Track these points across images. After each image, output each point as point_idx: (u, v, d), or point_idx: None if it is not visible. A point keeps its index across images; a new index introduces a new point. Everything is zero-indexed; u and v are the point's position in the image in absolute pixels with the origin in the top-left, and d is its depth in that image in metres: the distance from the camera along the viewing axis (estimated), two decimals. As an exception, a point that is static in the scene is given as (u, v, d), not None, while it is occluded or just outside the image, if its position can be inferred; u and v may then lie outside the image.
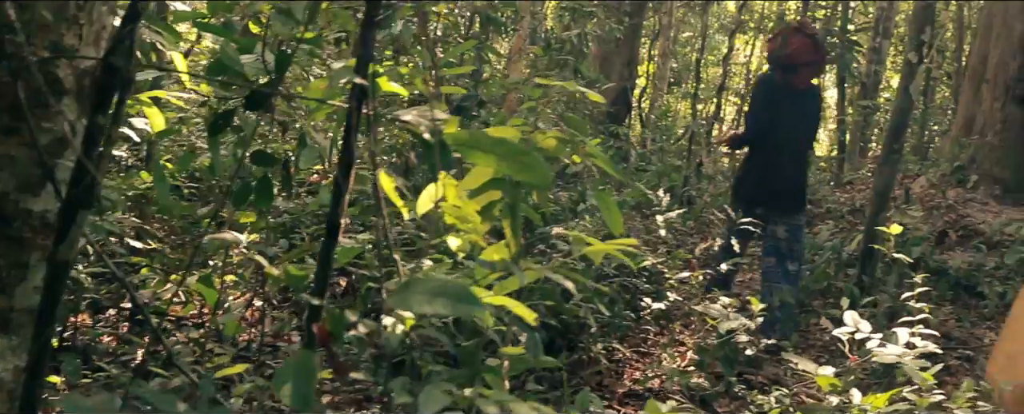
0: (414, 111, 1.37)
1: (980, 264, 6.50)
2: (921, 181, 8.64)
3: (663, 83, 21.83)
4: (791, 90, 5.32)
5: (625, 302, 4.45)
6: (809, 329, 5.32)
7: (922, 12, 5.59)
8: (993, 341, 5.56)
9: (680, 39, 25.67)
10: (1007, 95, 8.15)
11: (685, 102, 24.73)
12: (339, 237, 1.40)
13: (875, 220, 5.62)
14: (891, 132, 5.63)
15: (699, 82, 11.97)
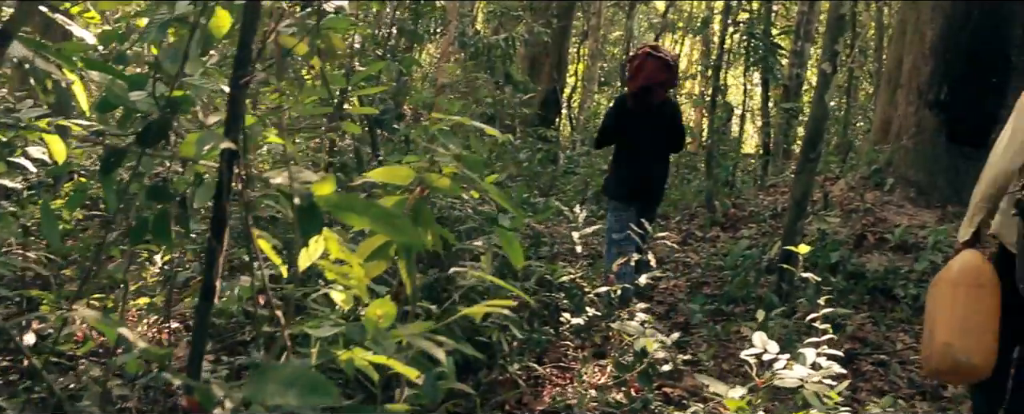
0: (285, 173, 1.34)
1: (896, 267, 6.63)
2: (841, 184, 8.79)
3: (593, 84, 21.96)
4: (648, 105, 6.06)
5: (545, 318, 4.46)
6: (730, 338, 5.37)
7: (836, 23, 5.69)
8: (907, 344, 5.68)
9: (610, 39, 25.86)
10: (920, 100, 8.32)
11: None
12: (214, 299, 1.36)
13: (793, 228, 5.71)
14: (807, 141, 5.72)
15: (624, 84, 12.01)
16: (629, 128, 6.14)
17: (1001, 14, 8.00)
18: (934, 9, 8.36)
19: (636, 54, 6.22)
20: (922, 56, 8.40)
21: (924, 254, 6.67)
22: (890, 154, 8.48)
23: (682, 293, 6.54)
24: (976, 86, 8.09)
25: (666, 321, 5.85)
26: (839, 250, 6.66)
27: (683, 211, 9.81)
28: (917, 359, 5.34)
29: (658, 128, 6.15)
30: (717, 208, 9.07)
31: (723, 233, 8.54)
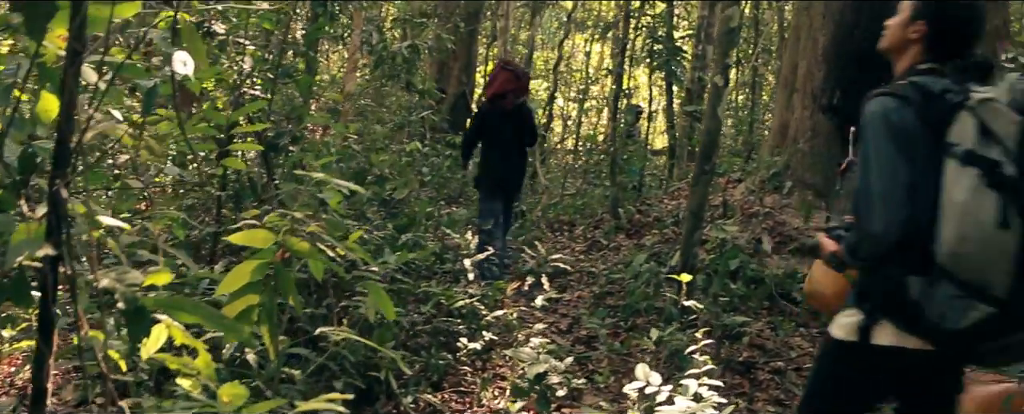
0: (113, 274, 1.31)
1: (794, 270, 6.76)
2: (742, 188, 8.94)
3: (501, 87, 22.01)
4: (503, 111, 7.38)
5: (441, 344, 4.45)
6: (631, 353, 5.42)
7: (726, 37, 5.77)
8: (803, 350, 5.80)
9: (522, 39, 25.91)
10: (815, 104, 8.51)
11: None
12: (47, 401, 1.32)
13: (691, 239, 5.79)
14: (702, 153, 5.79)
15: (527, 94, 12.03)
16: (490, 130, 7.41)
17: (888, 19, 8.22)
18: (825, 16, 8.54)
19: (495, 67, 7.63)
20: (815, 61, 8.58)
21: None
22: (788, 158, 8.66)
23: (586, 304, 6.58)
24: (866, 90, 8.27)
25: (569, 335, 5.89)
26: (738, 257, 6.77)
27: (589, 218, 9.88)
28: (813, 365, 5.48)
29: (514, 128, 7.39)
30: (621, 215, 9.15)
31: (628, 240, 8.61)
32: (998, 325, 2.44)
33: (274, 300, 2.03)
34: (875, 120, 2.61)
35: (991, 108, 2.48)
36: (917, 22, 2.77)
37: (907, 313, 2.52)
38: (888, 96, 2.66)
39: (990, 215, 2.39)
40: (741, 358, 5.42)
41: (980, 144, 2.45)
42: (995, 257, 2.39)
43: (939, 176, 2.48)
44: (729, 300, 6.36)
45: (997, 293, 2.40)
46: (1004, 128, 2.45)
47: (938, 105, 2.55)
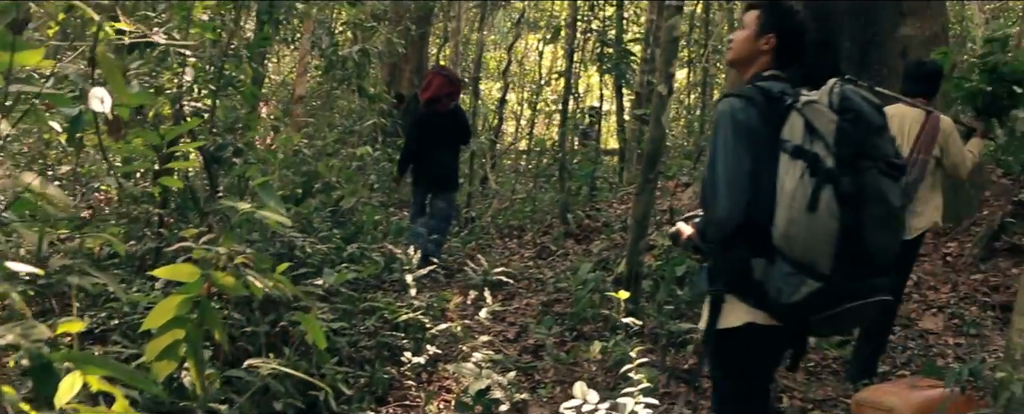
0: (18, 328, 1.29)
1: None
2: (690, 191, 9.01)
3: (454, 89, 21.98)
4: (438, 114, 7.92)
5: (385, 358, 4.44)
6: (577, 360, 5.44)
7: (669, 46, 5.82)
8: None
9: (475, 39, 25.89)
10: (761, 109, 8.61)
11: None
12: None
13: (635, 248, 5.83)
14: (646, 162, 5.83)
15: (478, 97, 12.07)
16: (427, 132, 7.91)
17: (832, 28, 8.33)
18: (770, 21, 8.64)
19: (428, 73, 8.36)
20: (761, 67, 8.68)
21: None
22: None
23: (534, 312, 6.60)
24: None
25: (516, 344, 5.90)
26: (684, 263, 6.82)
27: (538, 223, 9.90)
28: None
29: (449, 129, 7.95)
30: (570, 220, 9.18)
31: (577, 245, 8.65)
32: (825, 298, 2.76)
33: (200, 335, 2.02)
34: (724, 118, 2.93)
35: (814, 109, 2.84)
36: (767, 35, 3.09)
37: (754, 291, 2.84)
38: (736, 97, 2.97)
39: (806, 202, 2.72)
40: (686, 366, 5.47)
41: (806, 140, 2.79)
42: (819, 238, 2.73)
43: (774, 170, 2.82)
44: (675, 307, 6.42)
45: (822, 270, 2.73)
46: (825, 126, 2.78)
47: (776, 106, 2.91)
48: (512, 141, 25.51)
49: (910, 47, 8.26)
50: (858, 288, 2.82)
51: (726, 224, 2.84)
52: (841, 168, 2.75)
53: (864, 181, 2.78)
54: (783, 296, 2.78)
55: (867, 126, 2.84)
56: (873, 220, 2.79)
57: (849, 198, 2.75)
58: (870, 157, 2.81)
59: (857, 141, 2.79)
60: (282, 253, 5.20)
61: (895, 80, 8.13)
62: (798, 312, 2.82)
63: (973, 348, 6.13)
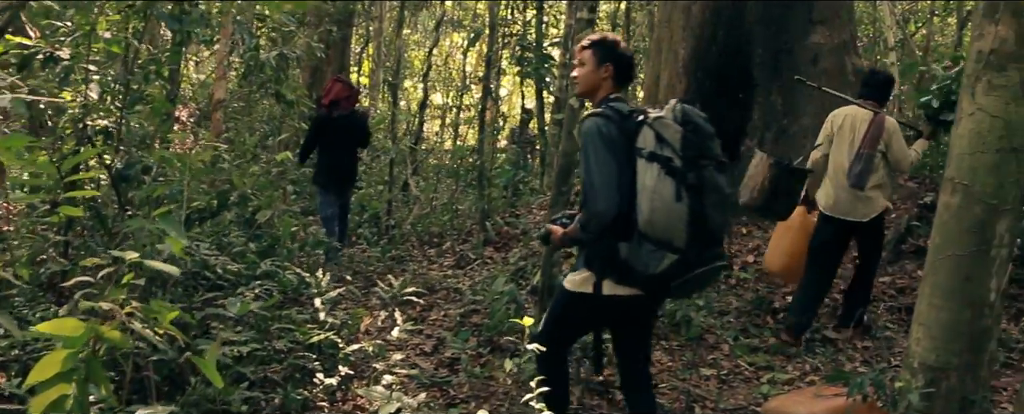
0: None
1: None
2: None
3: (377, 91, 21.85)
4: (339, 118, 8.65)
5: (297, 379, 4.42)
6: (493, 374, 5.46)
7: (580, 60, 5.85)
8: (663, 365, 5.95)
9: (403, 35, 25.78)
10: (677, 116, 8.72)
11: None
12: None
13: (550, 259, 5.86)
14: (558, 175, 5.86)
15: (396, 104, 12.03)
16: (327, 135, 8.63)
17: (744, 36, 8.49)
18: (685, 30, 8.77)
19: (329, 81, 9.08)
20: (676, 75, 8.81)
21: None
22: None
23: (452, 324, 6.61)
24: (725, 102, 8.56)
25: (433, 357, 5.90)
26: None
27: (458, 231, 9.91)
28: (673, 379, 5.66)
29: (348, 132, 8.70)
30: (489, 228, 9.21)
31: (497, 253, 8.68)
32: (681, 267, 3.57)
33: (86, 390, 2.00)
34: (591, 134, 3.67)
35: (663, 123, 3.60)
36: (606, 64, 3.85)
37: (620, 269, 3.62)
38: (598, 116, 3.71)
39: (670, 193, 3.49)
40: (601, 377, 5.52)
41: (658, 147, 3.55)
42: (675, 222, 3.50)
43: (634, 170, 3.57)
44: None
45: (678, 245, 3.53)
46: (672, 136, 3.56)
47: (629, 122, 3.67)
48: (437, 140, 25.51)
49: (820, 54, 8.46)
50: (705, 257, 3.62)
51: (606, 217, 3.58)
52: (687, 167, 3.53)
53: (704, 176, 3.57)
54: (649, 268, 3.55)
55: (704, 134, 3.66)
56: (712, 205, 3.58)
57: (694, 189, 3.53)
58: (707, 157, 3.62)
59: (698, 146, 3.59)
60: (195, 271, 5.14)
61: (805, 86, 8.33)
62: (661, 280, 3.61)
63: (880, 351, 6.31)
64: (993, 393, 5.42)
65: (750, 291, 7.19)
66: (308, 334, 4.31)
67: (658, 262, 3.54)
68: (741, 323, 6.71)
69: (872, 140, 6.11)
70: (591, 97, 3.95)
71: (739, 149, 8.50)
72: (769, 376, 5.79)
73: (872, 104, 6.24)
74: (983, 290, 4.35)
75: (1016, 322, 6.77)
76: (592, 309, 3.82)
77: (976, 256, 4.32)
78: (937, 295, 4.41)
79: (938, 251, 4.43)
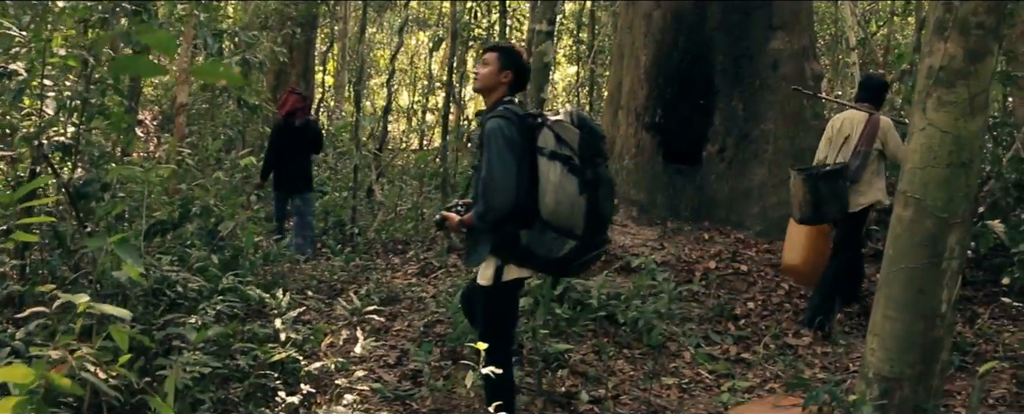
0: None
1: (617, 293, 6.96)
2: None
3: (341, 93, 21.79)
4: (294, 127, 9.30)
5: (259, 399, 4.42)
6: (455, 386, 5.48)
7: (540, 73, 5.90)
8: (626, 374, 6.00)
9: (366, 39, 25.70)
10: (639, 122, 8.78)
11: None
12: None
13: (510, 270, 5.89)
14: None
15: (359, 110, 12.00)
16: (285, 141, 9.24)
17: (705, 42, 8.56)
18: (647, 36, 8.83)
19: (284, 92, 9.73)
20: (638, 80, 8.86)
21: (641, 277, 7.06)
22: (614, 173, 8.90)
23: (416, 334, 6.62)
24: (686, 108, 8.63)
25: (397, 369, 5.91)
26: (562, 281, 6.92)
27: (422, 237, 9.90)
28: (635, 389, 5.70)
29: (302, 139, 9.31)
30: (453, 236, 9.20)
31: (460, 260, 8.68)
32: (579, 251, 4.09)
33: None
34: (495, 134, 4.07)
35: (561, 125, 4.08)
36: (507, 71, 4.28)
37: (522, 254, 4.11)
38: (500, 118, 4.12)
39: (574, 188, 4.00)
40: (562, 389, 5.56)
41: (557, 147, 4.03)
42: (577, 212, 4.02)
43: (535, 167, 4.03)
44: (555, 324, 6.52)
45: (577, 232, 4.04)
46: (570, 137, 4.06)
47: (527, 123, 4.12)
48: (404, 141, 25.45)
49: (780, 60, 8.54)
50: (596, 241, 4.17)
51: (504, 209, 4.03)
52: (584, 164, 4.05)
53: (598, 172, 4.12)
54: (552, 253, 4.07)
55: (596, 136, 4.17)
56: (604, 197, 4.14)
57: (591, 183, 4.06)
58: (600, 156, 4.16)
59: (592, 146, 4.11)
60: (156, 288, 5.12)
61: (765, 91, 8.42)
62: (562, 263, 4.13)
63: (839, 358, 6.39)
64: (947, 398, 5.53)
65: (712, 298, 7.25)
66: (269, 353, 4.31)
67: (561, 247, 4.05)
68: (703, 330, 6.77)
69: (868, 138, 6.61)
70: (486, 96, 4.37)
71: (701, 154, 8.58)
72: (730, 384, 5.84)
73: (868, 107, 6.79)
74: (935, 302, 4.43)
75: (971, 325, 6.89)
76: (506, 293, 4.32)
77: (928, 269, 4.39)
78: (891, 307, 4.48)
79: (892, 263, 4.51)
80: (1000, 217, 7.57)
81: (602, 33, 20.32)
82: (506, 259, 4.17)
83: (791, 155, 8.47)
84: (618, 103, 9.27)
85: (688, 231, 8.32)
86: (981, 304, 7.24)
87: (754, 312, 7.09)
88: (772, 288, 7.44)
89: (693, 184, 8.56)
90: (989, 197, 7.95)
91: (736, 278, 7.59)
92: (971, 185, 4.40)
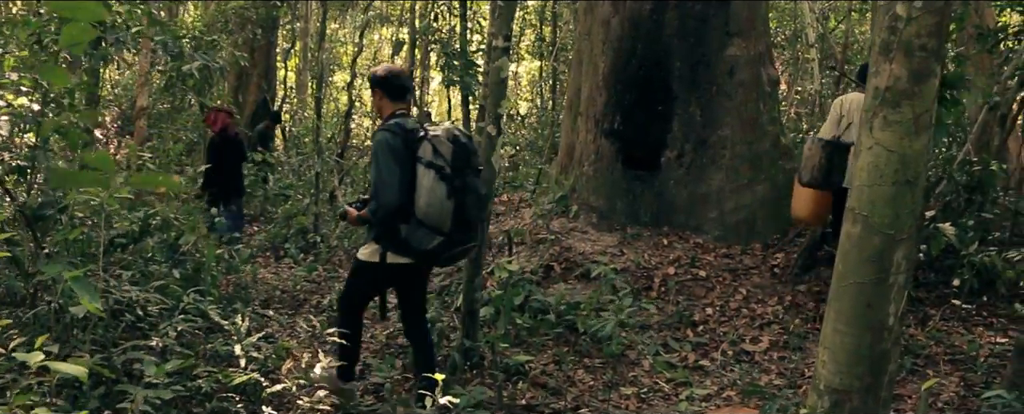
0: None
1: (577, 301, 7.04)
2: (532, 211, 9.20)
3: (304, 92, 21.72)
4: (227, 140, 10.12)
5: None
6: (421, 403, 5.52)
7: (497, 88, 5.94)
8: (585, 384, 6.08)
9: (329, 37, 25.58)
10: (598, 128, 8.86)
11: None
12: None
13: (472, 285, 5.96)
14: (479, 202, 5.95)
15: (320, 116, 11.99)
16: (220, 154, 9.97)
17: (663, 49, 8.65)
18: (605, 43, 8.90)
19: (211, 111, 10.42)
20: (597, 87, 8.93)
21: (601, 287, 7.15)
22: (574, 180, 8.99)
23: (379, 346, 6.67)
24: (645, 114, 8.72)
25: (361, 382, 5.96)
26: (526, 289, 7.00)
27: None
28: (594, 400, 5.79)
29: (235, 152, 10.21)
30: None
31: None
32: (446, 246, 4.92)
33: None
34: (382, 145, 4.87)
35: (438, 139, 4.88)
36: (377, 91, 5.16)
37: (400, 245, 4.92)
38: (386, 131, 4.90)
39: (443, 193, 4.81)
40: (523, 401, 5.64)
41: (434, 157, 4.82)
42: (445, 214, 4.83)
43: (415, 174, 4.82)
44: (516, 333, 6.60)
45: (445, 230, 4.86)
46: (445, 150, 4.86)
47: (411, 136, 4.90)
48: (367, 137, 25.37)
49: (737, 66, 8.65)
50: (463, 239, 4.99)
51: (390, 208, 4.81)
52: (454, 174, 4.84)
53: (466, 181, 4.91)
54: (423, 246, 4.88)
55: (468, 151, 4.96)
56: (470, 203, 4.93)
57: (459, 191, 4.86)
58: (469, 167, 4.95)
59: (463, 159, 4.91)
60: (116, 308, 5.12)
61: (722, 97, 8.54)
62: (431, 254, 4.96)
63: (795, 363, 6.51)
64: (898, 402, 5.67)
65: (671, 305, 7.35)
66: (230, 378, 4.34)
67: (430, 241, 4.86)
68: (662, 337, 6.87)
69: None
70: (381, 114, 5.19)
71: (660, 160, 8.68)
72: (687, 393, 5.94)
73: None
74: (883, 315, 4.54)
75: (923, 327, 7.03)
76: (378, 274, 5.11)
77: (876, 284, 4.51)
78: (841, 321, 4.60)
79: (841, 279, 4.62)
80: (952, 219, 7.74)
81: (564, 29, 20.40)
82: (387, 247, 4.97)
83: (748, 160, 8.59)
84: (577, 109, 9.34)
85: (647, 237, 8.41)
86: (933, 305, 7.38)
87: (712, 318, 7.20)
88: (730, 293, 7.56)
89: (652, 190, 8.66)
90: (940, 199, 8.11)
91: (695, 284, 7.70)
92: (917, 202, 4.51)
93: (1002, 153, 9.29)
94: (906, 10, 4.45)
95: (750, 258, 8.20)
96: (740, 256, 8.22)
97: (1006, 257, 7.01)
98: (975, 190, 7.91)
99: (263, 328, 6.72)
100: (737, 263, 8.09)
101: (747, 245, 8.41)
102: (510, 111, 12.88)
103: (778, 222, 8.56)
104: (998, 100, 8.73)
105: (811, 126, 16.08)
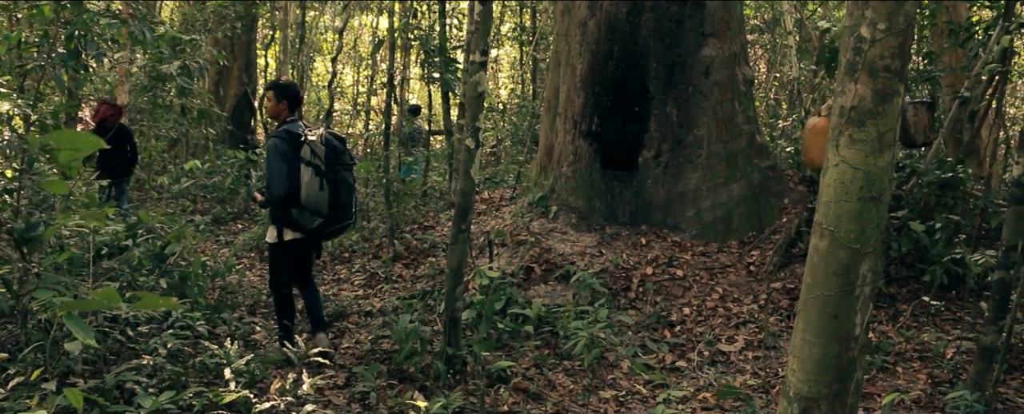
0: None
1: (557, 304, 7.18)
2: (511, 209, 9.32)
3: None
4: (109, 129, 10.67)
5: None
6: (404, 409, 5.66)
7: (475, 100, 6.05)
8: (565, 389, 6.22)
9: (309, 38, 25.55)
10: (576, 129, 8.99)
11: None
12: None
13: (453, 294, 6.08)
14: (458, 214, 6.07)
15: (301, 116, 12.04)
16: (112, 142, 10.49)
17: (639, 50, 8.77)
18: (582, 45, 9.02)
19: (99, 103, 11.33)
20: (574, 88, 9.06)
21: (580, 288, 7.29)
22: (553, 181, 9.12)
23: (363, 351, 6.79)
24: (622, 115, 8.85)
25: (347, 390, 6.09)
26: (508, 292, 7.14)
27: (368, 243, 10.04)
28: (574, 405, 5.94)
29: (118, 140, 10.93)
30: (398, 245, 9.38)
31: (406, 270, 8.87)
32: (326, 225, 6.26)
33: None
34: (272, 148, 6.11)
35: (313, 142, 6.09)
36: (282, 101, 6.32)
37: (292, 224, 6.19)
38: (278, 137, 6.12)
39: (317, 185, 6.08)
40: (505, 407, 5.78)
41: (311, 156, 6.08)
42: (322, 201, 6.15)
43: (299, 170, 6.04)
44: (498, 337, 6.74)
45: (323, 213, 6.19)
46: (319, 150, 6.11)
47: (296, 140, 6.10)
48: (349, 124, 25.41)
49: (712, 66, 8.78)
50: (339, 218, 6.33)
51: (280, 196, 6.02)
52: (327, 169, 6.14)
53: (338, 174, 6.22)
54: (308, 225, 6.19)
55: (337, 151, 6.23)
56: (342, 191, 6.24)
57: (332, 182, 6.17)
58: (340, 164, 6.23)
59: (334, 157, 6.20)
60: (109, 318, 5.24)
61: (699, 97, 8.67)
62: (315, 231, 6.27)
63: (769, 362, 6.68)
64: (867, 401, 5.85)
65: (648, 305, 7.51)
66: (220, 397, 4.47)
67: (313, 221, 6.20)
68: (640, 338, 7.03)
69: None
70: (276, 119, 6.38)
71: (638, 160, 8.82)
72: (665, 395, 6.09)
73: None
74: (849, 325, 4.71)
75: (894, 322, 7.21)
76: (285, 249, 6.30)
77: (842, 296, 4.67)
78: (809, 331, 4.76)
79: (809, 290, 4.77)
80: (922, 217, 7.91)
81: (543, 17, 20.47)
82: (282, 226, 6.25)
83: (724, 159, 8.74)
84: (556, 111, 9.46)
85: (626, 236, 8.56)
86: (904, 301, 7.56)
87: (689, 318, 7.36)
88: (706, 293, 7.72)
89: (630, 189, 8.81)
90: (910, 196, 8.28)
91: (672, 283, 7.86)
92: (881, 217, 4.66)
93: (973, 148, 9.48)
94: (870, 32, 4.61)
95: (726, 256, 8.36)
96: (717, 254, 8.39)
97: (972, 258, 7.17)
98: (945, 188, 8.09)
99: (248, 335, 6.87)
100: (713, 261, 8.25)
101: (724, 243, 8.58)
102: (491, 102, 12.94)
103: (754, 219, 8.73)
104: (968, 96, 8.90)
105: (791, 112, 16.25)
